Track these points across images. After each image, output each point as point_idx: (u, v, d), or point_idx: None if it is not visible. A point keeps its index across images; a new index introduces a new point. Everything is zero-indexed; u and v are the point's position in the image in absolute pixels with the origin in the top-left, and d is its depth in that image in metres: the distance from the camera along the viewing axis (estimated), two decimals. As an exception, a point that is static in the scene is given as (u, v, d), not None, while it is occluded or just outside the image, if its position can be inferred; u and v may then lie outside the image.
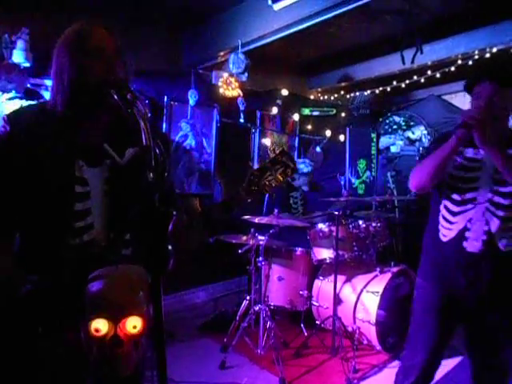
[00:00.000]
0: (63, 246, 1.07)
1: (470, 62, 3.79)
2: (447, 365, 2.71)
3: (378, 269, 3.20)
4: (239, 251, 3.06)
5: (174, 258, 0.94)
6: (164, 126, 3.85)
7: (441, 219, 1.75)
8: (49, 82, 3.15)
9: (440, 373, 2.58)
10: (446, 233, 1.73)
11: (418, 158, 1.77)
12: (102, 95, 1.02)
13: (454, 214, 1.71)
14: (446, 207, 1.74)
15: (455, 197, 1.70)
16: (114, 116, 1.12)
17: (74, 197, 1.08)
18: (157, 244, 0.83)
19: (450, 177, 1.72)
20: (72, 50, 1.08)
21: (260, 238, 3.00)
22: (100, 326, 0.84)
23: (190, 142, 4.02)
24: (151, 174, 0.86)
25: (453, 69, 3.98)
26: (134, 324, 0.84)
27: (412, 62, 3.39)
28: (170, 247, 0.90)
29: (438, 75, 4.18)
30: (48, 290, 0.99)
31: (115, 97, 1.00)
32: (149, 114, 0.97)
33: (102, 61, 1.08)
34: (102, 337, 0.84)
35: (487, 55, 3.59)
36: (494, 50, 3.49)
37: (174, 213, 0.88)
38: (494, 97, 1.59)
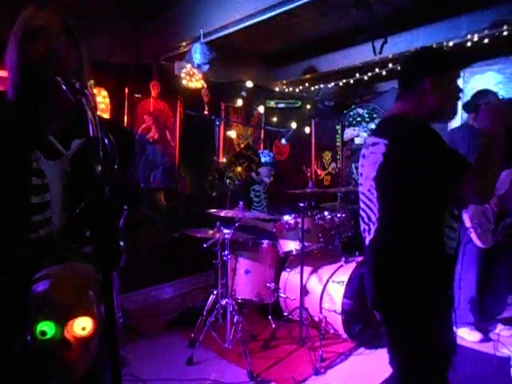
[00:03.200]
0: (18, 240, 1.00)
1: (429, 55, 3.88)
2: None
3: (343, 259, 3.26)
4: (204, 245, 3.03)
5: (126, 254, 0.90)
6: (126, 118, 3.74)
7: (446, 230, 1.45)
8: (2, 73, 2.99)
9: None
10: (453, 244, 1.47)
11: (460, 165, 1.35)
12: (50, 82, 0.96)
13: (457, 219, 1.51)
14: (451, 213, 1.47)
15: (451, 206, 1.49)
16: (67, 106, 1.06)
17: (30, 189, 1.02)
18: (106, 240, 0.78)
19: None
20: (16, 35, 1.04)
21: (225, 231, 2.97)
22: (46, 328, 0.79)
23: (153, 134, 3.92)
24: (99, 167, 0.81)
25: (413, 62, 4.06)
26: (82, 325, 0.80)
27: (380, 52, 3.42)
28: (121, 243, 0.86)
29: (399, 68, 4.26)
30: None
31: (62, 85, 0.94)
32: (109, 107, 0.92)
33: (40, 42, 1.02)
34: (49, 340, 0.79)
35: (444, 49, 3.69)
36: (451, 43, 3.60)
37: (125, 207, 0.84)
38: None
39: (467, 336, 3.04)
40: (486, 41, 3.51)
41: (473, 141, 2.80)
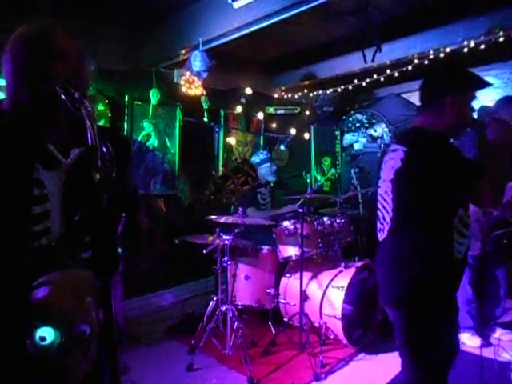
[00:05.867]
0: (19, 250, 1.01)
1: (426, 62, 3.92)
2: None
3: (343, 264, 3.26)
4: (204, 251, 3.03)
5: (125, 262, 0.91)
6: (126, 126, 3.76)
7: (456, 235, 1.57)
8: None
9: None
10: (461, 249, 1.59)
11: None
12: (49, 92, 0.98)
13: (467, 226, 1.60)
14: (461, 220, 1.58)
15: (462, 211, 1.59)
16: (66, 115, 1.08)
17: (31, 199, 1.03)
18: (104, 247, 0.80)
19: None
20: (34, 50, 1.03)
21: (225, 237, 2.98)
22: (45, 334, 0.80)
23: (153, 141, 3.95)
24: (97, 175, 0.82)
25: (410, 68, 4.11)
26: (81, 331, 0.81)
27: (372, 60, 3.47)
28: (119, 250, 0.87)
29: (396, 74, 4.30)
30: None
31: (61, 94, 0.96)
32: (108, 114, 0.94)
33: (66, 63, 1.05)
34: (48, 346, 0.80)
35: (441, 55, 3.73)
36: (448, 50, 3.63)
37: (123, 215, 0.86)
38: None
39: (468, 341, 3.03)
40: (483, 47, 3.54)
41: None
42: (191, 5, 3.25)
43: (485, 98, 3.33)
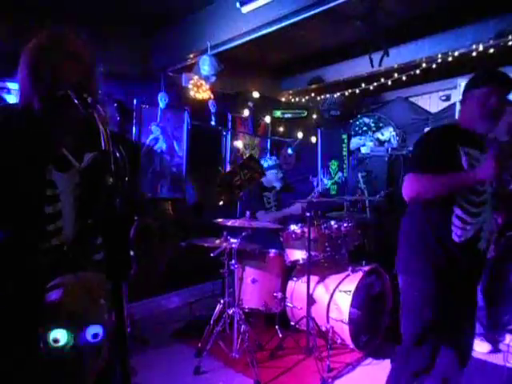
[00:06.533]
0: (33, 249, 1.03)
1: (434, 66, 3.91)
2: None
3: (350, 268, 3.25)
4: (211, 254, 3.04)
5: (137, 264, 0.92)
6: (134, 129, 3.79)
7: (455, 219, 1.76)
8: (12, 85, 3.06)
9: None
10: (462, 233, 1.75)
11: (414, 156, 1.93)
12: (63, 97, 1.00)
13: (472, 214, 1.75)
14: (462, 207, 1.75)
15: (473, 198, 1.75)
16: (79, 119, 1.10)
17: (44, 200, 1.05)
18: (116, 249, 0.81)
19: None
20: (47, 52, 1.06)
21: (232, 240, 2.99)
22: (59, 336, 0.81)
23: (161, 145, 3.97)
24: (111, 179, 0.84)
25: (418, 72, 4.10)
26: (94, 333, 0.82)
27: (380, 64, 3.47)
28: (131, 253, 0.88)
29: (404, 78, 4.29)
30: (11, 297, 0.96)
31: (74, 99, 0.98)
32: (117, 118, 0.96)
33: (80, 65, 1.07)
34: (61, 347, 0.81)
35: (449, 59, 3.71)
36: (456, 53, 3.62)
37: (136, 218, 0.87)
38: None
39: (477, 347, 3.00)
40: (492, 50, 3.53)
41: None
42: (200, 9, 3.27)
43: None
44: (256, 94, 4.69)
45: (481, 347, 3.00)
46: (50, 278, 0.91)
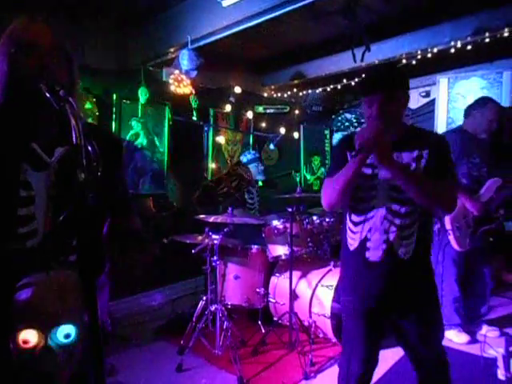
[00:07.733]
0: (4, 251, 1.00)
1: (414, 62, 3.95)
2: (391, 357, 2.80)
3: (332, 263, 3.27)
4: (192, 251, 3.02)
5: (111, 262, 0.90)
6: (113, 124, 3.72)
7: (347, 229, 1.74)
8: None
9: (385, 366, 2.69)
10: (352, 242, 1.72)
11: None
12: (35, 91, 0.97)
13: (355, 224, 1.70)
14: (350, 217, 1.73)
15: (357, 206, 1.68)
16: (50, 113, 1.07)
17: (17, 201, 1.02)
18: (88, 247, 0.79)
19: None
20: (6, 45, 1.04)
21: (214, 237, 2.97)
22: (29, 336, 0.78)
23: (142, 140, 3.91)
24: (82, 174, 0.81)
25: (398, 68, 4.13)
26: (66, 333, 0.80)
27: (362, 60, 3.48)
28: (105, 250, 0.86)
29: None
30: None
31: (46, 93, 0.95)
32: (96, 113, 0.93)
33: (34, 57, 1.03)
34: (32, 348, 0.79)
35: (429, 55, 3.76)
36: (435, 50, 3.66)
37: (109, 214, 0.84)
38: (382, 107, 1.56)
39: (455, 338, 3.07)
40: (469, 47, 3.58)
41: (464, 144, 2.93)
42: (180, 2, 3.22)
43: (471, 99, 3.37)
44: (238, 89, 4.66)
45: (458, 338, 3.07)
46: (21, 278, 0.88)
